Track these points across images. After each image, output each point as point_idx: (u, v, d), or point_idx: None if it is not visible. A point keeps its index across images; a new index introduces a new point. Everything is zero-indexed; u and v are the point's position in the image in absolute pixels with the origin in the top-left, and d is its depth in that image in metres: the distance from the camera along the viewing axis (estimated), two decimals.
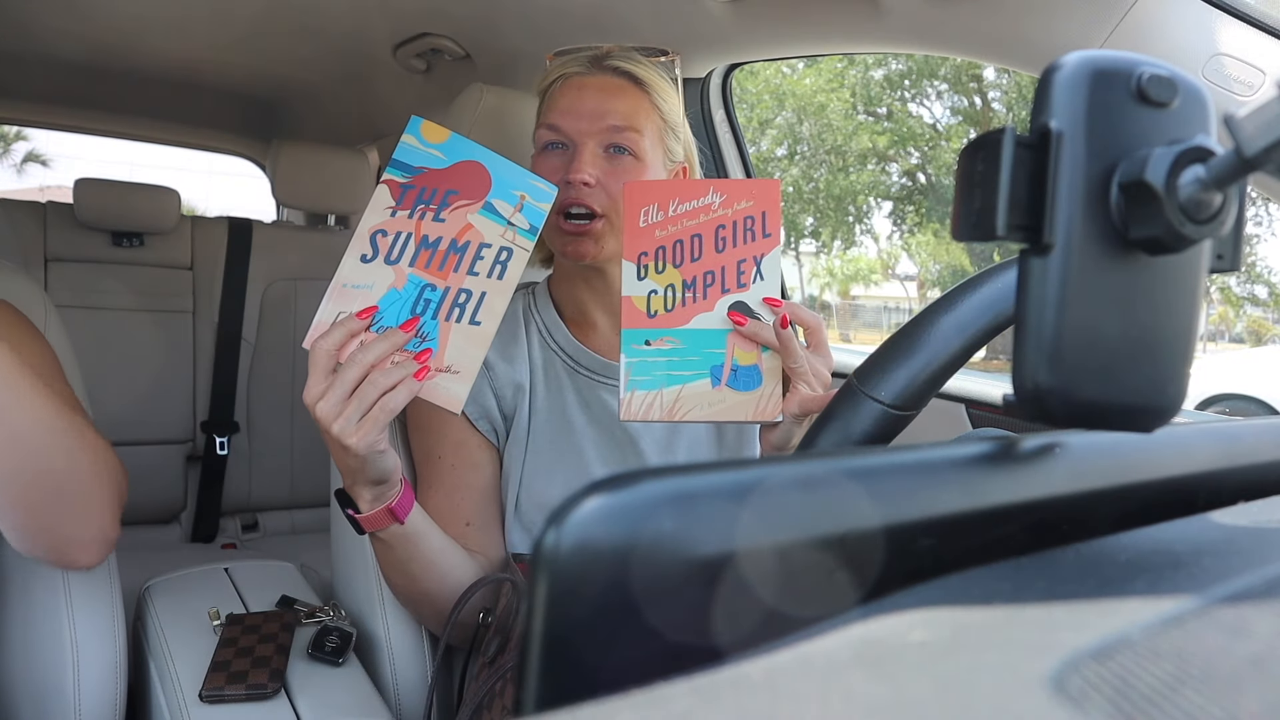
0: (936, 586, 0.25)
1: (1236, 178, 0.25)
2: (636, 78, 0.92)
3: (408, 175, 0.76)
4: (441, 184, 0.76)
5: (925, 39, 1.06)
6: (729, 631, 0.24)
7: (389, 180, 0.76)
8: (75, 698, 0.89)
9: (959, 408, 1.22)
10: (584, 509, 0.23)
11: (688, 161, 0.98)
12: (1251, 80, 0.80)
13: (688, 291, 0.78)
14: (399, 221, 0.76)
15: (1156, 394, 0.28)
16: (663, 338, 0.78)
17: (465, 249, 0.76)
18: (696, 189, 0.78)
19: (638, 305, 0.78)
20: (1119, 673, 0.19)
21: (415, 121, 0.77)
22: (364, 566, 1.02)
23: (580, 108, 0.89)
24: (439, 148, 0.77)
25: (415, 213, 0.76)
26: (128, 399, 1.90)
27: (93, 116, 2.47)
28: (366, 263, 0.75)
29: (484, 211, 0.76)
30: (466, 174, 0.76)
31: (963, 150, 0.28)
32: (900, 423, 0.48)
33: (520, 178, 0.77)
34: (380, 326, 0.75)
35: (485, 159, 0.77)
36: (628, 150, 0.90)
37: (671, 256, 0.78)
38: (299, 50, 1.88)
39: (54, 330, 0.99)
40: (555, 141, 0.91)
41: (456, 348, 0.76)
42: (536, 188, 0.77)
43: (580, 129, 0.89)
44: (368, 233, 0.75)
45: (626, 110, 0.90)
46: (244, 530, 2.09)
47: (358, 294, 0.75)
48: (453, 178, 0.76)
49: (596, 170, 0.88)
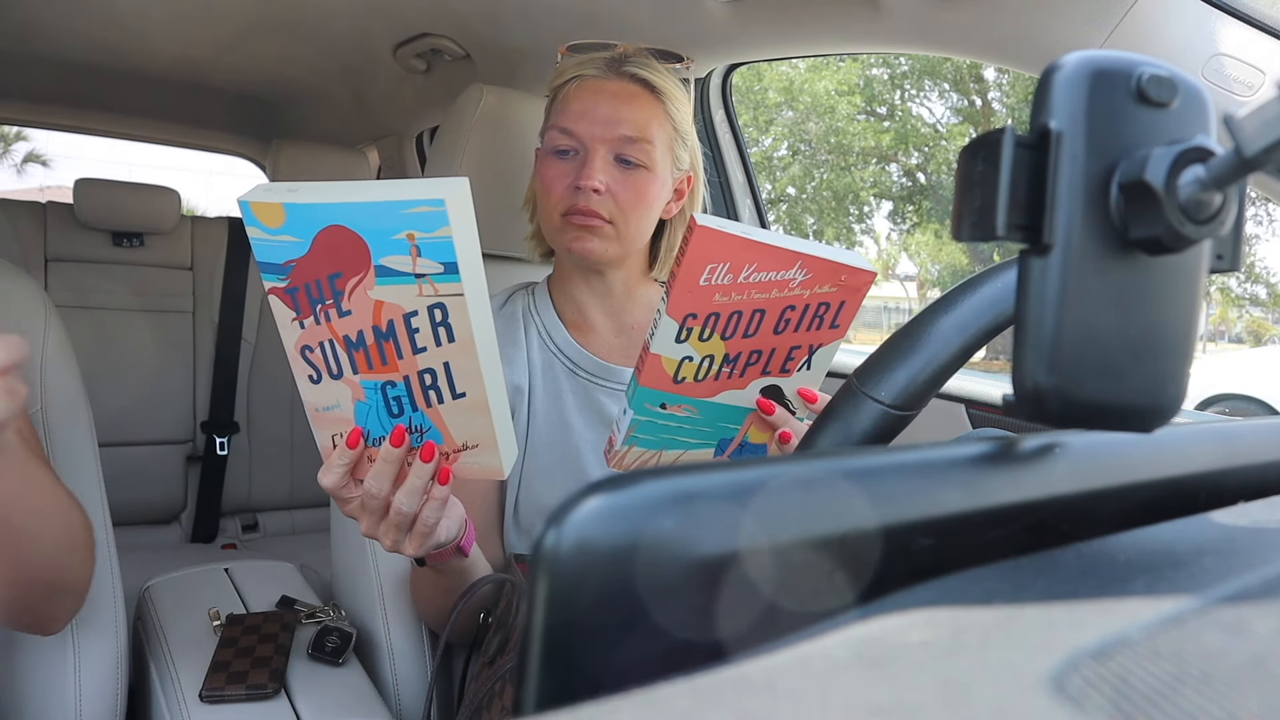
0: (936, 586, 0.25)
1: (1236, 178, 0.25)
2: (652, 85, 0.91)
3: (283, 277, 0.59)
4: (318, 271, 0.59)
5: (925, 39, 1.06)
6: (729, 631, 0.24)
7: (273, 290, 0.60)
8: (75, 697, 0.89)
9: (959, 408, 1.22)
10: (584, 509, 0.23)
11: (693, 169, 0.98)
12: (1251, 80, 0.80)
13: (726, 366, 0.69)
14: (311, 331, 0.62)
15: (1156, 394, 0.28)
16: (681, 404, 0.70)
17: (393, 331, 0.61)
18: (781, 259, 0.64)
19: (665, 367, 0.68)
20: (1119, 673, 0.19)
21: (244, 207, 0.57)
22: (364, 566, 1.02)
23: (595, 113, 0.88)
24: (285, 230, 0.58)
25: (318, 315, 0.61)
26: (128, 399, 1.90)
27: (93, 116, 2.47)
28: (317, 383, 0.64)
29: (382, 280, 0.59)
30: (333, 245, 0.58)
31: (963, 150, 0.29)
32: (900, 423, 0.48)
33: (392, 213, 0.56)
34: (374, 439, 0.66)
35: (341, 216, 0.57)
36: (637, 163, 0.89)
37: (723, 327, 0.67)
38: (299, 50, 1.88)
39: (54, 330, 0.99)
40: (567, 147, 0.90)
41: (458, 425, 0.65)
42: (420, 214, 0.56)
43: (594, 134, 0.88)
44: (295, 351, 0.63)
45: (640, 120, 0.89)
46: (244, 530, 2.09)
47: (332, 415, 0.65)
48: (323, 258, 0.58)
49: (607, 177, 0.88)
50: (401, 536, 0.69)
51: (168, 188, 2.01)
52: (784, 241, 0.64)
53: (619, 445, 0.72)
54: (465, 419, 0.65)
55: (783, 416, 0.72)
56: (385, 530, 0.68)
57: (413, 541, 0.69)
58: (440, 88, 1.83)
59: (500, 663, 0.85)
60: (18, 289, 0.98)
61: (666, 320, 0.66)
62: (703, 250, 0.63)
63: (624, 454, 0.73)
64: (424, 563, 0.78)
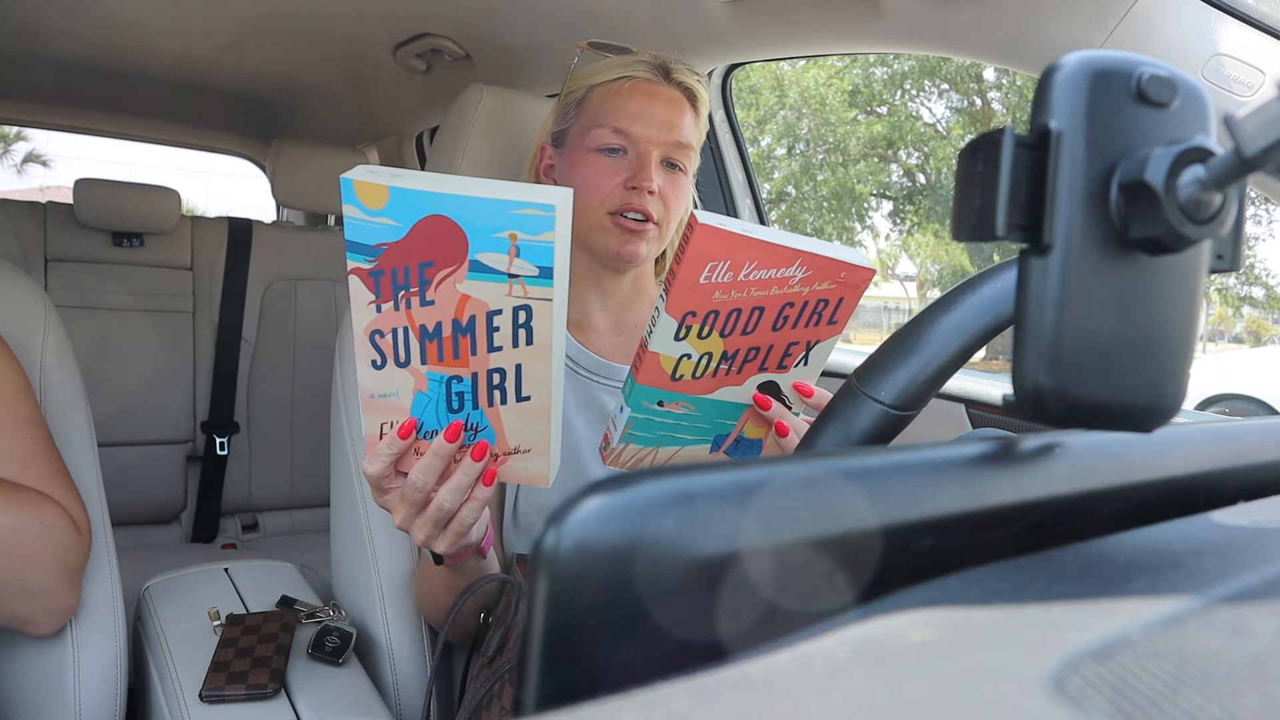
0: (936, 586, 0.25)
1: (1236, 178, 0.25)
2: (696, 97, 0.94)
3: (371, 258, 0.59)
4: (410, 258, 0.58)
5: (925, 39, 1.06)
6: (729, 631, 0.24)
7: (356, 270, 0.59)
8: (75, 697, 0.89)
9: (959, 408, 1.22)
10: (584, 509, 0.23)
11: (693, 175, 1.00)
12: (1251, 80, 0.80)
13: (724, 363, 0.69)
14: (387, 316, 0.61)
15: (1156, 394, 0.28)
16: (679, 401, 0.70)
17: (472, 327, 0.61)
18: (781, 256, 0.64)
19: (664, 365, 0.68)
20: (1119, 673, 0.19)
21: (346, 185, 0.56)
22: (364, 566, 1.02)
23: (651, 116, 0.90)
24: (385, 213, 0.57)
25: (399, 302, 0.60)
26: (128, 399, 1.90)
27: (93, 116, 2.48)
28: (380, 369, 0.63)
29: (474, 275, 0.59)
30: (432, 235, 0.57)
31: (962, 150, 0.28)
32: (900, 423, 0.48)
33: (501, 212, 0.57)
34: (426, 432, 0.65)
35: (446, 207, 0.56)
36: (679, 166, 0.92)
37: (722, 325, 0.66)
38: (299, 51, 1.88)
39: (54, 330, 0.99)
40: (618, 146, 0.90)
41: (515, 428, 0.65)
42: (528, 216, 0.56)
43: (650, 136, 0.90)
44: (364, 335, 0.62)
45: (688, 128, 0.92)
46: (244, 530, 2.09)
47: (388, 403, 0.64)
48: (419, 246, 0.58)
49: (661, 179, 0.90)
50: (436, 532, 0.68)
51: (168, 188, 2.01)
52: (784, 239, 0.64)
53: (615, 443, 0.72)
54: (524, 423, 0.65)
55: (779, 411, 0.72)
56: (421, 524, 0.68)
57: (446, 539, 0.69)
58: (440, 88, 1.84)
59: (499, 662, 0.85)
60: (18, 289, 0.98)
61: (665, 318, 0.65)
62: (703, 248, 0.62)
63: (620, 451, 0.72)
64: (441, 560, 0.78)
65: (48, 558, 0.81)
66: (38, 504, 0.80)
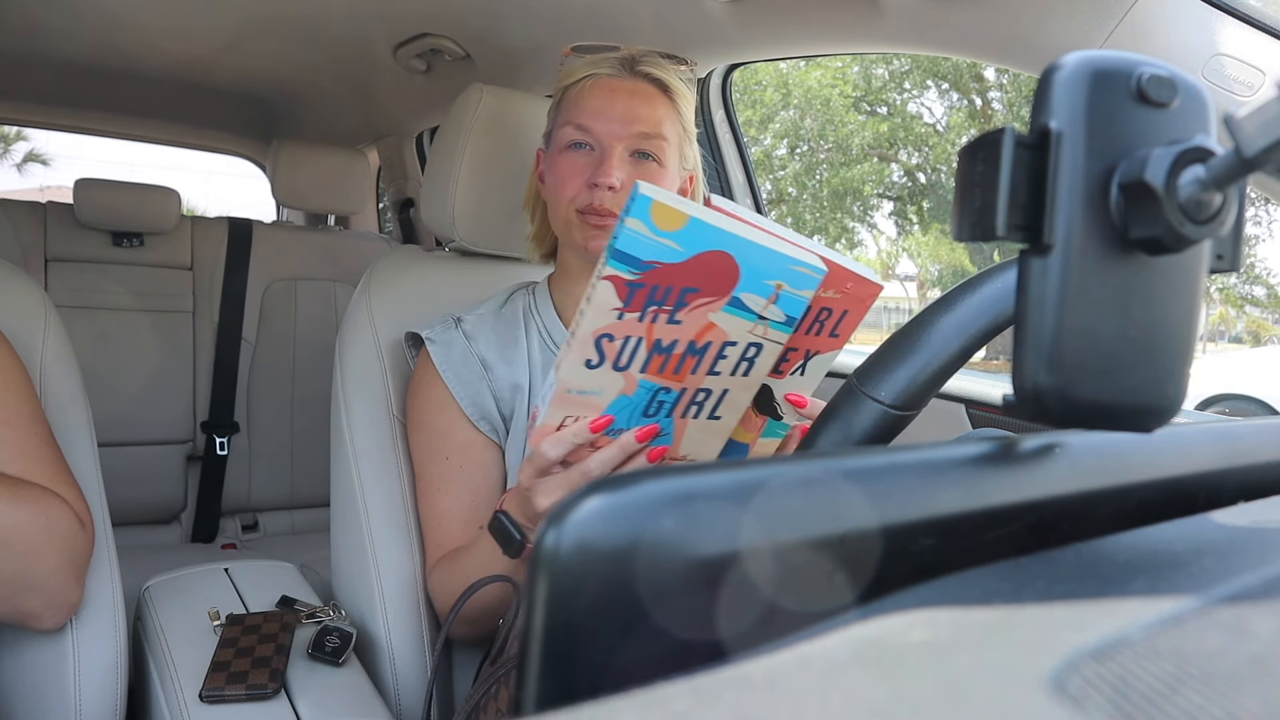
0: (936, 586, 0.25)
1: (1236, 178, 0.25)
2: (666, 85, 0.93)
3: (636, 271, 0.59)
4: (678, 280, 0.60)
5: (925, 39, 1.06)
6: (729, 631, 0.24)
7: (614, 277, 0.59)
8: (75, 697, 0.89)
9: (959, 408, 1.22)
10: (584, 509, 0.23)
11: (695, 170, 0.99)
12: (1251, 80, 0.80)
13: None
14: (627, 324, 0.61)
15: (1156, 394, 0.28)
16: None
17: (705, 350, 0.63)
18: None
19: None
20: (1119, 673, 0.19)
21: (643, 202, 0.57)
22: (364, 566, 1.02)
23: (612, 110, 0.90)
24: (673, 236, 0.58)
25: (646, 315, 0.61)
26: (128, 399, 1.90)
27: (93, 116, 2.48)
28: (592, 368, 0.63)
29: (729, 309, 0.62)
30: (709, 267, 0.59)
31: (962, 150, 0.28)
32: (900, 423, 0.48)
33: (778, 264, 0.60)
34: (613, 430, 0.67)
35: (733, 248, 0.59)
36: (652, 156, 0.91)
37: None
38: (299, 50, 1.88)
39: (54, 330, 0.99)
40: (582, 142, 0.91)
41: (693, 440, 0.68)
42: (799, 273, 0.60)
43: (611, 132, 0.89)
44: (591, 336, 0.62)
45: (655, 118, 0.91)
46: (244, 530, 2.09)
47: (584, 399, 0.65)
48: (692, 273, 0.59)
49: (624, 174, 0.89)
50: (563, 494, 0.70)
51: (168, 188, 2.01)
52: (796, 239, 0.64)
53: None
54: (703, 437, 0.69)
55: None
56: (561, 490, 0.70)
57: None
58: (440, 88, 1.84)
59: (498, 664, 0.85)
60: (18, 289, 0.98)
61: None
62: None
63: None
64: (519, 552, 0.78)
65: (53, 553, 0.81)
66: (43, 500, 0.80)
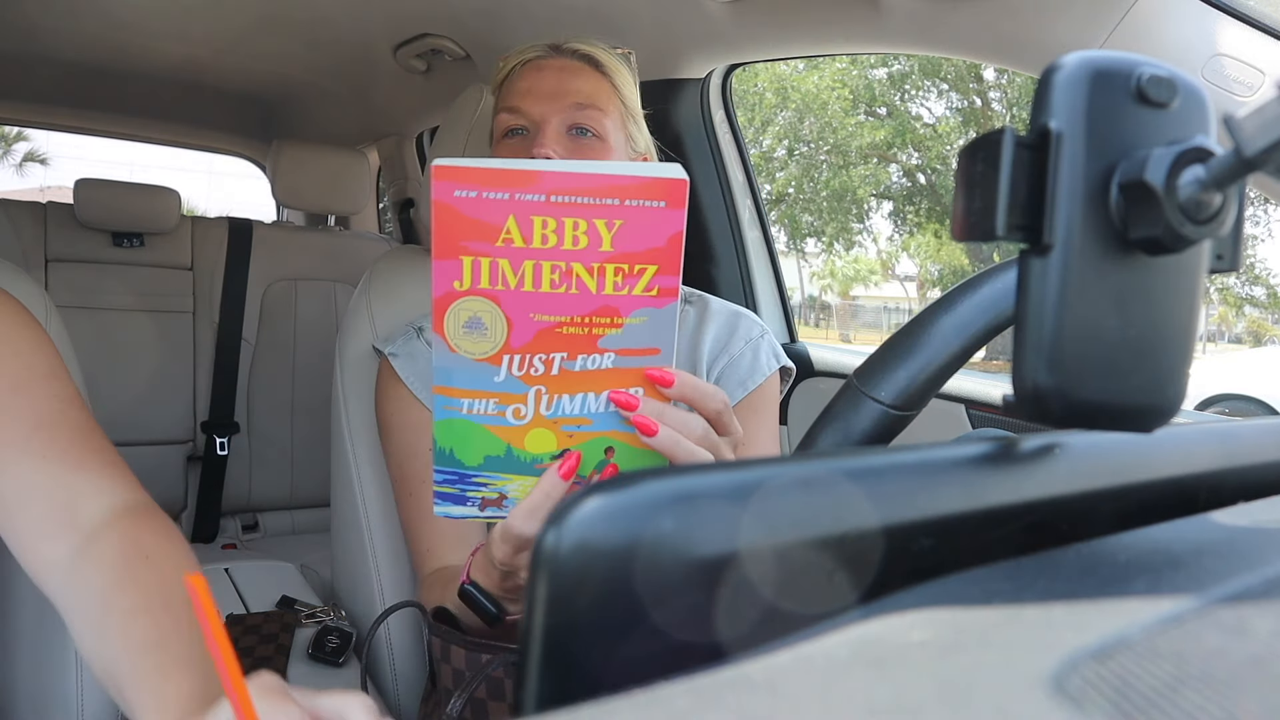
0: (936, 586, 0.25)
1: (1236, 178, 0.25)
2: (596, 60, 0.90)
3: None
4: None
5: (925, 39, 1.06)
6: (729, 631, 0.24)
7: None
8: (78, 699, 0.89)
9: (959, 408, 1.22)
10: (584, 509, 0.23)
11: (649, 154, 0.95)
12: (1251, 80, 0.80)
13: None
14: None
15: (1156, 394, 0.28)
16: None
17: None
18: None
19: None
20: (1119, 673, 0.19)
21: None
22: (364, 566, 1.02)
23: (541, 88, 0.87)
24: None
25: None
26: (128, 399, 1.90)
27: (93, 116, 2.48)
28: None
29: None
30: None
31: (962, 150, 0.29)
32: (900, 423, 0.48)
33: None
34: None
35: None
36: (591, 130, 0.86)
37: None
38: (299, 51, 1.88)
39: (54, 330, 0.99)
40: (517, 126, 0.87)
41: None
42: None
43: (542, 109, 0.86)
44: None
45: (589, 90, 0.87)
46: (244, 530, 2.09)
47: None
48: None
49: (561, 149, 0.84)
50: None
51: (168, 188, 2.01)
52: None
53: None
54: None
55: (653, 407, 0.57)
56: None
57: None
58: (440, 88, 1.84)
59: (430, 701, 0.82)
60: (18, 289, 0.99)
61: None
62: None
63: None
64: (499, 622, 0.70)
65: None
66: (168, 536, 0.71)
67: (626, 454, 0.56)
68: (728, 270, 1.58)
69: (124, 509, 0.73)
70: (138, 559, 0.69)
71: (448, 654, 0.77)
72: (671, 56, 1.44)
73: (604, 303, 0.53)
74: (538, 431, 0.56)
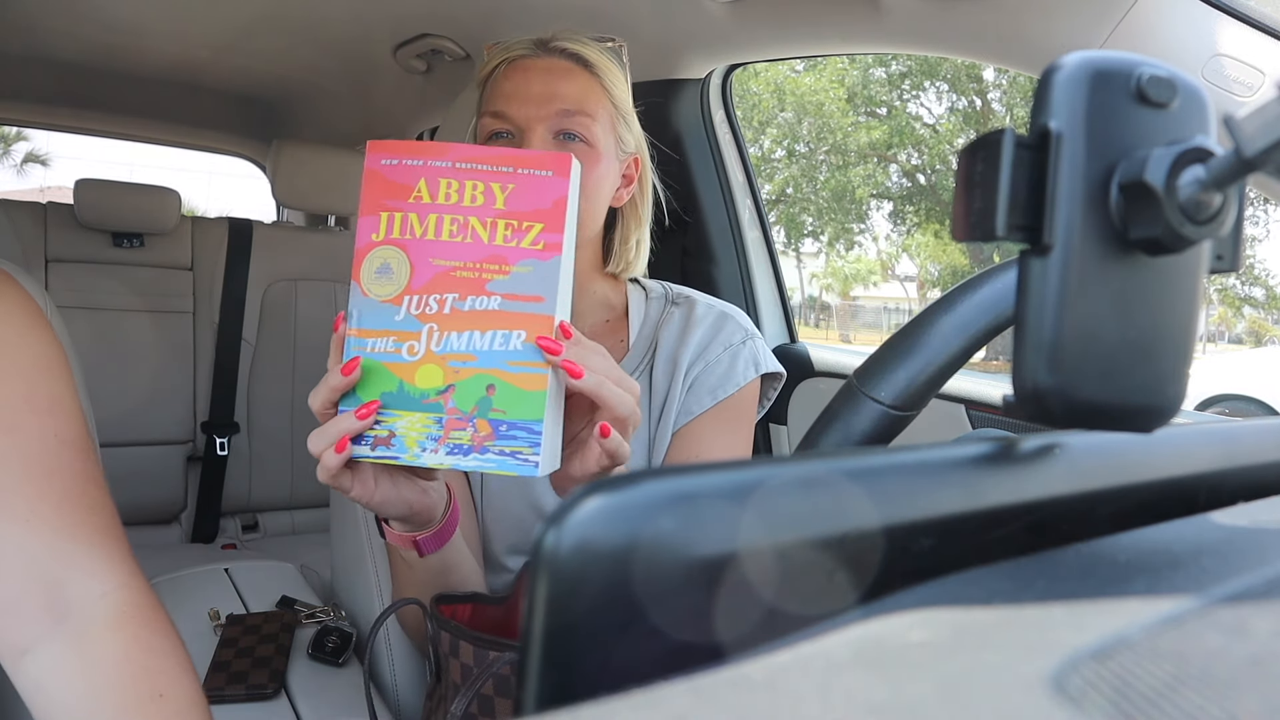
0: (936, 586, 0.25)
1: (1236, 178, 0.25)
2: (586, 60, 0.86)
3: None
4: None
5: (925, 39, 1.06)
6: (729, 631, 0.24)
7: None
8: None
9: (959, 408, 1.22)
10: (584, 509, 0.23)
11: (639, 154, 0.92)
12: (1251, 80, 0.80)
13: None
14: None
15: (1156, 394, 0.28)
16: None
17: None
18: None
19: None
20: (1119, 673, 0.19)
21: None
22: (364, 567, 1.02)
23: (527, 91, 0.83)
24: None
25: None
26: (128, 399, 1.90)
27: (93, 116, 2.48)
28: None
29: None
30: None
31: (962, 151, 0.29)
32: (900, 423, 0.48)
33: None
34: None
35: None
36: (579, 136, 0.83)
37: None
38: (299, 51, 1.88)
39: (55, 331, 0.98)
40: (502, 130, 0.84)
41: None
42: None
43: (528, 114, 0.82)
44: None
45: (577, 94, 0.83)
46: (244, 530, 2.09)
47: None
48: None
49: None
50: None
51: (168, 188, 2.01)
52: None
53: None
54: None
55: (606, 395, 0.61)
56: None
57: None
58: (440, 88, 1.84)
59: (434, 695, 0.83)
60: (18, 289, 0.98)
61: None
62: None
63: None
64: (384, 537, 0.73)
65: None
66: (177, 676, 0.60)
67: (506, 392, 0.60)
68: (728, 270, 1.58)
69: (127, 608, 0.60)
70: (149, 696, 0.57)
71: (456, 649, 0.77)
72: (671, 56, 1.44)
73: (494, 252, 0.60)
74: (427, 367, 0.61)
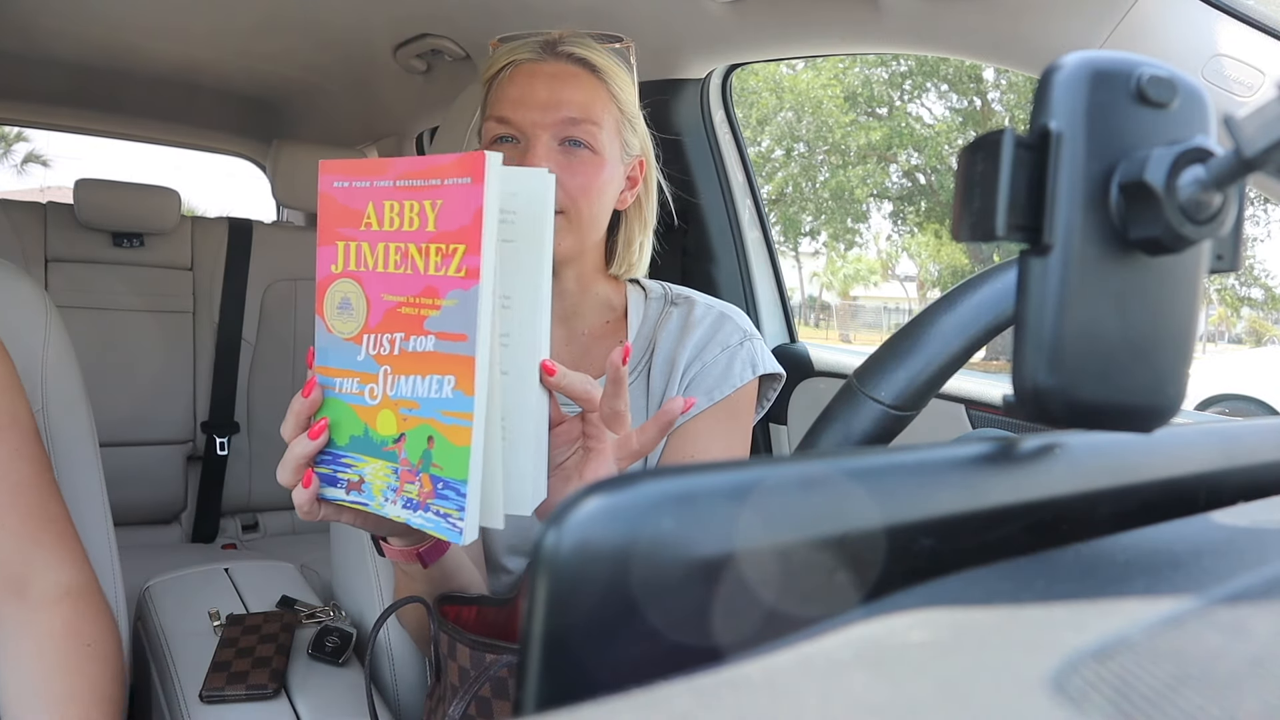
0: (936, 586, 0.25)
1: (1236, 178, 0.25)
2: (593, 65, 0.85)
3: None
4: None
5: (925, 39, 1.06)
6: (729, 631, 0.24)
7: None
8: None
9: (959, 408, 1.22)
10: (584, 509, 0.23)
11: (644, 155, 0.92)
12: (1251, 81, 0.80)
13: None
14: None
15: (1156, 394, 0.28)
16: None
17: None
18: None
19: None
20: (1119, 673, 0.19)
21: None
22: (364, 567, 1.02)
23: (532, 98, 0.82)
24: None
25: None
26: (128, 399, 1.91)
27: (93, 116, 2.48)
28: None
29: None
30: None
31: (962, 151, 0.29)
32: (900, 423, 0.48)
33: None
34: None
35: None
36: (584, 144, 0.82)
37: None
38: (299, 51, 1.88)
39: (55, 331, 0.99)
40: (506, 135, 0.83)
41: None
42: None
43: (533, 121, 0.81)
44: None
45: (583, 100, 0.83)
46: (244, 530, 2.09)
47: None
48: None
49: (552, 164, 0.80)
50: None
51: (168, 188, 2.01)
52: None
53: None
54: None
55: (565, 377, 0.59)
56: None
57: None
58: (440, 88, 1.84)
59: (434, 696, 0.83)
60: (18, 289, 0.99)
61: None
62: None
63: None
64: (382, 554, 0.73)
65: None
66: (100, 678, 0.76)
67: (441, 446, 0.53)
68: (728, 270, 1.58)
69: (72, 589, 0.76)
70: (78, 646, 0.73)
71: (454, 651, 0.77)
72: (671, 56, 1.44)
73: (427, 283, 0.54)
74: (384, 412, 0.56)
